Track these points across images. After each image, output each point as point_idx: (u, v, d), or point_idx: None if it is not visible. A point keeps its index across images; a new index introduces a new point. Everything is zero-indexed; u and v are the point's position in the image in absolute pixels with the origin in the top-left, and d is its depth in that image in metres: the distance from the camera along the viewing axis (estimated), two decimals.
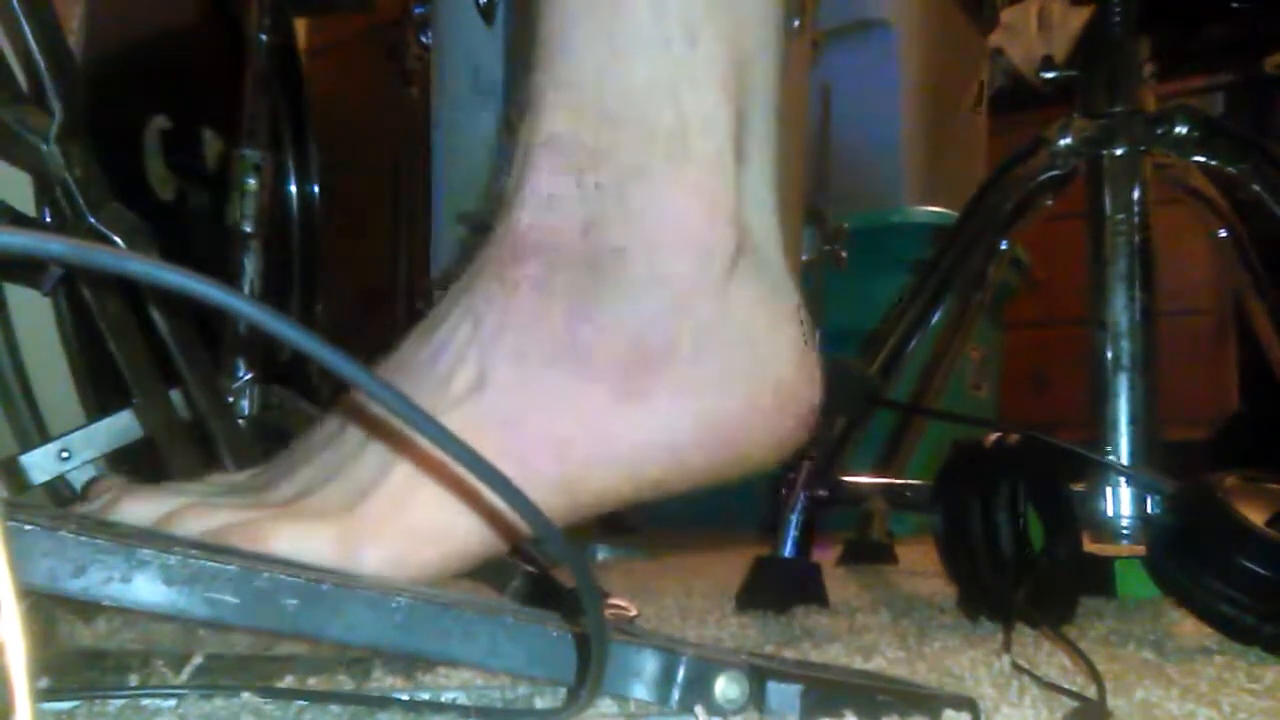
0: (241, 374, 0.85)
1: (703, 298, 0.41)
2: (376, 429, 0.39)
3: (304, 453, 0.42)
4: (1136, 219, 0.78)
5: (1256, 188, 0.84)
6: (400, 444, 0.38)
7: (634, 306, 0.40)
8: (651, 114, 0.40)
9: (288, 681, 0.36)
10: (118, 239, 0.65)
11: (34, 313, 0.85)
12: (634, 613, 0.52)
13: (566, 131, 0.41)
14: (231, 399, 0.84)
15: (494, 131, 0.82)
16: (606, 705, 0.34)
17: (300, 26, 1.23)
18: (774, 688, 0.31)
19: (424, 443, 0.37)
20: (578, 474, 0.39)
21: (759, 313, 0.42)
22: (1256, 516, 0.54)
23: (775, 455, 0.45)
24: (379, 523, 0.37)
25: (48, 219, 0.70)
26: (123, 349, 0.66)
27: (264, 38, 0.91)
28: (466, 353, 0.40)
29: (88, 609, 0.51)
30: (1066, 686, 0.39)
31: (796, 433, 0.44)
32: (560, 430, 0.39)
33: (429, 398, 0.39)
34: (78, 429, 0.72)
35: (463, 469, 0.25)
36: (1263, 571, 0.51)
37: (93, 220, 0.64)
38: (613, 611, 0.50)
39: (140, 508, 0.39)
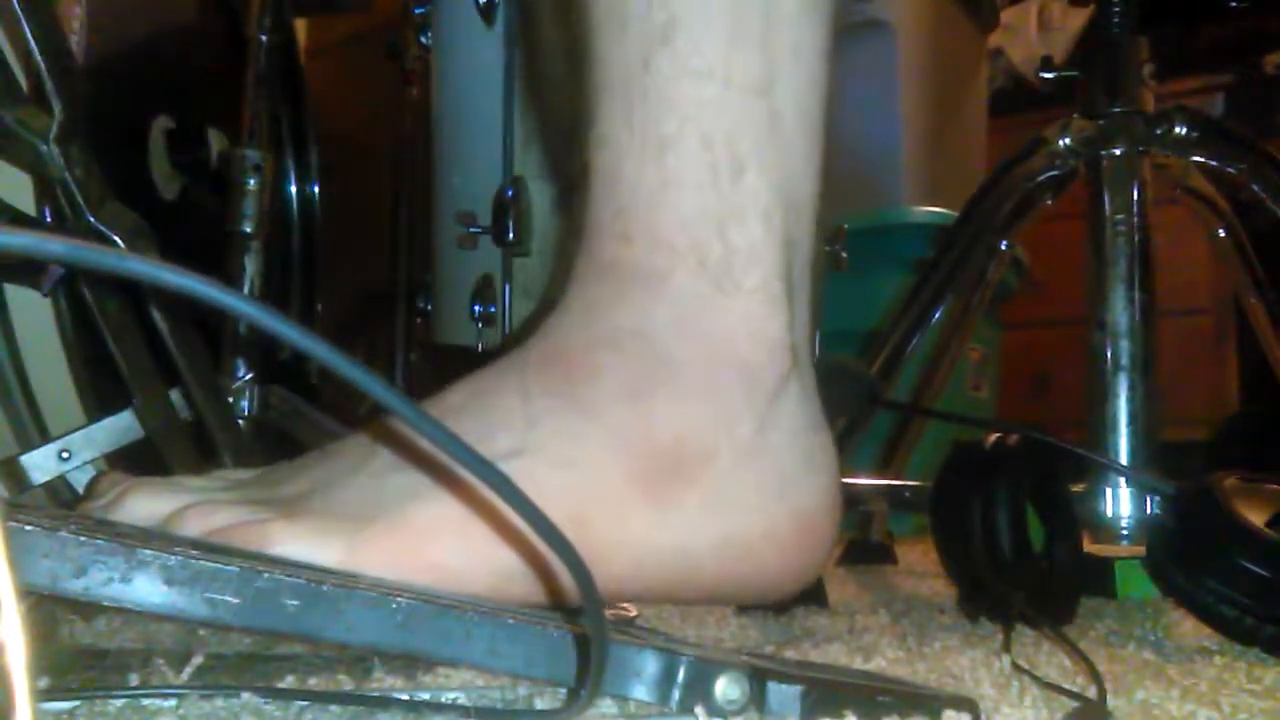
0: (241, 374, 0.85)
1: (746, 419, 0.41)
2: (409, 456, 0.39)
3: (323, 459, 0.42)
4: (1136, 219, 0.78)
5: (1256, 188, 0.84)
6: (432, 476, 0.38)
7: (678, 414, 0.41)
8: (701, 244, 0.41)
9: (288, 681, 0.36)
10: (118, 239, 0.65)
11: (34, 313, 0.85)
12: (634, 613, 0.52)
13: (621, 255, 0.42)
14: (231, 399, 0.84)
15: (494, 132, 0.82)
16: (606, 706, 0.34)
17: (300, 26, 1.23)
18: (774, 688, 0.32)
19: (456, 476, 0.37)
20: (590, 558, 0.39)
21: (796, 444, 0.43)
22: (1256, 517, 0.54)
23: (785, 586, 0.45)
24: (391, 548, 0.37)
25: (48, 219, 0.70)
26: (123, 349, 0.66)
27: (264, 38, 0.91)
28: (511, 419, 0.40)
29: (88, 609, 0.51)
30: (1066, 687, 0.39)
31: (809, 567, 0.44)
32: (584, 512, 0.39)
33: None
34: (78, 429, 0.72)
35: (466, 470, 0.25)
36: (1263, 572, 0.51)
37: (93, 220, 0.64)
38: (613, 612, 0.50)
39: (146, 504, 0.39)
